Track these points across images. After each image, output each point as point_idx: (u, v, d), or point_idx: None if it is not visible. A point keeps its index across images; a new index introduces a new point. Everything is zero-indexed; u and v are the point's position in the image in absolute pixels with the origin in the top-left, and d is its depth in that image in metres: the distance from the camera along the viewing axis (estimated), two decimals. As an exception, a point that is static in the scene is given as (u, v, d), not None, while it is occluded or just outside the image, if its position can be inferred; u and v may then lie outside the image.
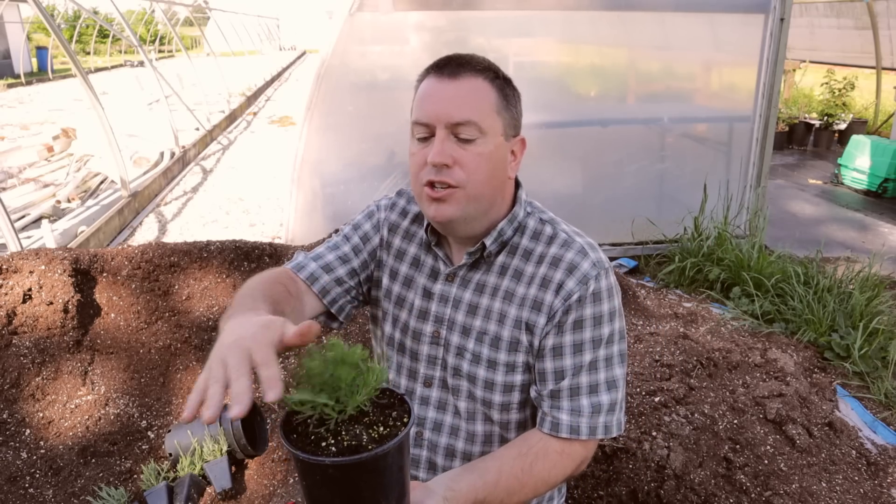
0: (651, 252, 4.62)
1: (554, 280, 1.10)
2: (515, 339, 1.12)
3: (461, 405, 1.18)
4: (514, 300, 1.12)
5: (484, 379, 1.14)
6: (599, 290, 1.09)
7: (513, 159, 1.12)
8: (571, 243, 1.12)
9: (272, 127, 11.39)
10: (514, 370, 1.13)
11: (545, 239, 1.14)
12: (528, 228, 1.16)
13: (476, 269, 1.16)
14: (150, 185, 6.80)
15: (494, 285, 1.14)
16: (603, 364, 1.10)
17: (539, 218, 1.18)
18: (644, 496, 2.05)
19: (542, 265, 1.12)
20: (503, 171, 1.10)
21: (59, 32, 6.16)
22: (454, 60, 1.07)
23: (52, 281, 2.66)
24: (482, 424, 1.18)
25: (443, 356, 1.18)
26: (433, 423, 1.21)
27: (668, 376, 2.48)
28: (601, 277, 1.10)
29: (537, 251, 1.14)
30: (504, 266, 1.15)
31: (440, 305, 1.17)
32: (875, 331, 3.24)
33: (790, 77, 9.74)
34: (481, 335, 1.14)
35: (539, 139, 4.65)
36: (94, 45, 28.01)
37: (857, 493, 2.22)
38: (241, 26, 20.71)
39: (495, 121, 1.05)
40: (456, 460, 1.20)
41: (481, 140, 1.04)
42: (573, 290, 1.08)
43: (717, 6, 4.64)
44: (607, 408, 1.10)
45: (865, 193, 6.80)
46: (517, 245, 1.15)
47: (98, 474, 2.38)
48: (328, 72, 4.04)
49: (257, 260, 3.12)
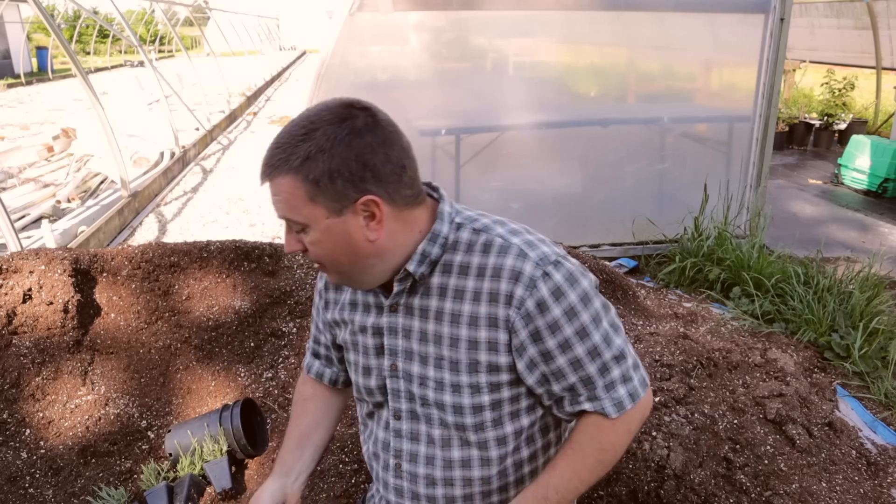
0: (651, 252, 4.62)
1: (501, 292, 1.05)
2: (474, 361, 1.09)
3: (435, 433, 1.16)
4: (461, 321, 1.08)
5: (452, 404, 1.12)
6: (557, 284, 1.04)
7: (366, 223, 1.02)
8: (508, 248, 1.06)
9: (272, 127, 11.39)
10: (479, 391, 1.11)
11: (480, 248, 1.08)
12: (462, 242, 1.09)
13: (415, 294, 1.12)
14: (150, 185, 6.80)
15: (438, 308, 1.10)
16: (603, 345, 1.08)
17: (472, 228, 1.10)
18: (644, 496, 2.05)
19: (483, 278, 1.06)
20: (354, 244, 1.04)
21: (59, 32, 6.16)
22: (263, 163, 1.04)
23: (52, 281, 2.66)
24: (459, 450, 1.16)
25: (405, 388, 1.16)
26: (409, 454, 1.20)
27: (668, 376, 2.48)
28: (552, 272, 1.04)
29: (475, 264, 1.08)
30: (443, 287, 1.09)
31: (391, 338, 1.15)
32: (875, 331, 3.24)
33: (790, 77, 9.74)
34: (439, 361, 1.11)
35: (539, 139, 4.66)
36: (94, 45, 28.02)
37: (857, 493, 2.22)
38: (241, 26, 20.71)
39: (312, 209, 1.01)
40: (437, 488, 1.18)
41: (309, 229, 1.03)
42: (524, 296, 1.04)
43: (717, 6, 4.65)
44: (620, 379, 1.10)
45: (865, 193, 6.80)
46: (451, 262, 1.09)
47: (98, 474, 2.38)
48: (328, 72, 4.04)
49: (257, 260, 3.12)
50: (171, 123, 8.27)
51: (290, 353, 2.79)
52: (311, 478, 1.48)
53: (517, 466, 1.18)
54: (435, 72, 4.49)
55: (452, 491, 1.18)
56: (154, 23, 26.06)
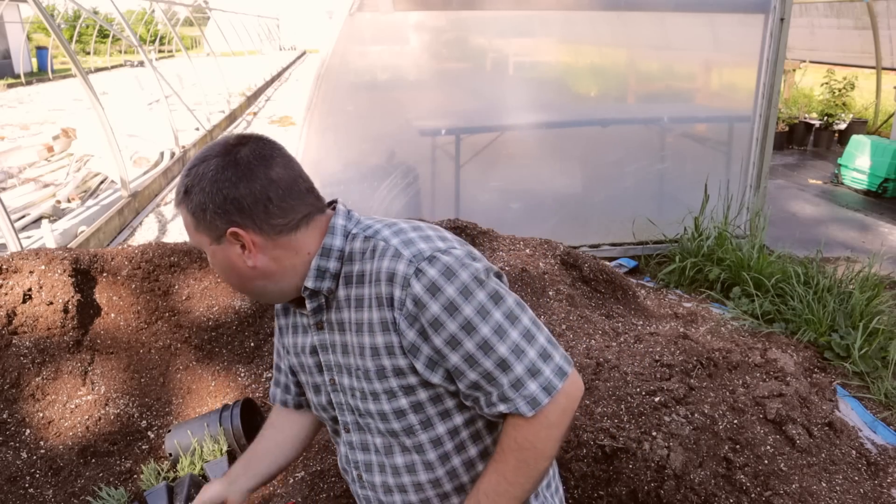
0: (651, 252, 4.62)
1: (384, 295, 1.06)
2: (380, 367, 1.10)
3: (377, 441, 1.19)
4: (363, 329, 1.10)
5: (377, 411, 1.14)
6: (431, 279, 1.02)
7: (242, 251, 1.08)
8: (387, 250, 1.07)
9: (272, 127, 11.39)
10: (394, 396, 1.11)
11: (369, 255, 1.10)
12: (356, 251, 1.11)
13: (331, 309, 1.15)
14: (150, 185, 6.80)
15: (348, 319, 1.13)
16: (494, 338, 1.04)
17: (363, 236, 1.12)
18: (644, 496, 2.05)
19: (371, 284, 1.08)
20: (237, 269, 1.10)
21: (59, 32, 6.16)
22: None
23: (52, 281, 2.66)
24: (400, 456, 1.17)
25: (345, 400, 1.19)
26: (364, 464, 1.23)
27: (668, 376, 2.48)
28: (425, 268, 1.03)
29: (367, 271, 1.09)
30: (348, 298, 1.12)
31: (324, 354, 1.19)
32: (875, 331, 3.24)
33: (790, 77, 9.74)
34: (357, 371, 1.14)
35: (539, 139, 4.66)
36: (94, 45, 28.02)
37: (857, 493, 2.22)
38: (241, 26, 20.71)
39: (199, 237, 1.10)
40: (395, 494, 1.21)
41: (204, 253, 1.14)
42: (402, 297, 1.04)
43: (717, 6, 4.64)
44: (527, 373, 1.05)
45: (865, 193, 6.80)
46: (351, 273, 1.11)
47: (98, 474, 2.38)
48: (328, 72, 4.04)
49: (257, 260, 3.12)
50: (171, 123, 8.27)
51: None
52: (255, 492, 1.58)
53: (468, 465, 1.18)
54: (435, 72, 4.49)
55: (408, 497, 1.20)
56: (154, 23, 26.06)
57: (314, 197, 1.13)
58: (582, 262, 3.57)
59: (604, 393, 2.36)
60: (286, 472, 2.34)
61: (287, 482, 2.29)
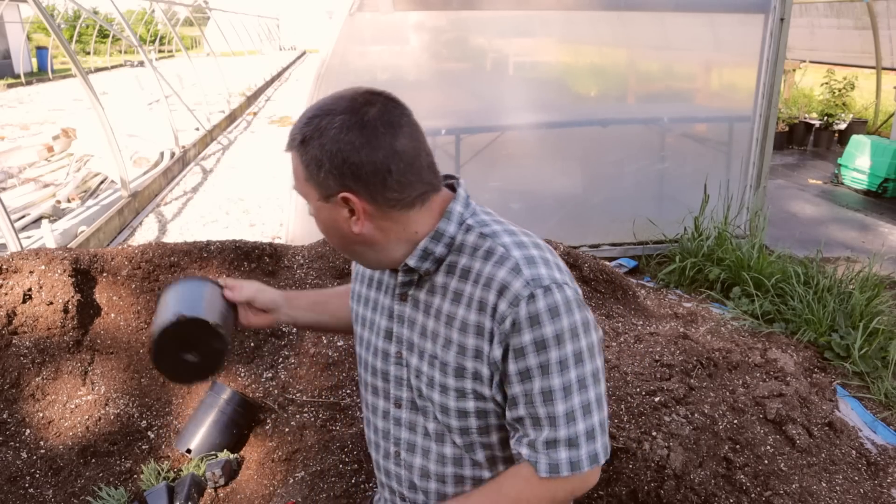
0: (651, 252, 4.62)
1: (489, 302, 1.04)
2: (461, 366, 1.08)
3: (430, 426, 1.17)
4: (454, 324, 1.08)
5: (439, 403, 1.13)
6: (538, 310, 1.00)
7: (350, 216, 1.05)
8: (506, 259, 1.04)
9: (272, 127, 11.39)
10: (465, 396, 1.10)
11: (482, 254, 1.07)
12: (468, 245, 1.09)
13: (422, 289, 1.13)
14: (150, 185, 6.80)
15: (438, 307, 1.11)
16: (560, 393, 1.02)
17: (479, 232, 1.09)
18: (644, 496, 2.05)
19: (478, 286, 1.05)
20: (341, 231, 1.07)
21: (59, 32, 6.16)
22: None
23: (52, 281, 2.66)
24: (450, 447, 1.16)
25: (407, 377, 1.17)
26: (406, 443, 1.21)
27: (668, 376, 2.48)
28: (538, 297, 1.00)
29: (475, 269, 1.07)
30: (445, 287, 1.10)
31: (399, 326, 1.17)
32: (875, 331, 3.24)
33: (790, 77, 9.74)
34: (432, 359, 1.12)
35: (539, 139, 4.66)
36: (94, 45, 28.01)
37: (857, 493, 2.22)
38: (241, 26, 20.71)
39: (307, 188, 1.07)
40: (431, 481, 1.19)
41: (308, 203, 1.10)
42: (505, 313, 1.02)
43: (717, 6, 4.65)
44: (566, 441, 1.03)
45: (865, 193, 6.80)
46: (455, 264, 1.09)
47: (98, 474, 2.38)
48: (328, 72, 4.04)
49: (257, 260, 3.12)
50: (171, 123, 8.27)
51: (290, 353, 2.79)
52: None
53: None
54: (435, 72, 4.49)
55: (444, 488, 1.18)
56: (154, 23, 26.06)
57: (432, 173, 1.09)
58: (582, 262, 3.57)
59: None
60: (286, 472, 2.34)
61: (287, 482, 2.29)
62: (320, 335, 2.78)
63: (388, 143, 1.01)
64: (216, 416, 2.43)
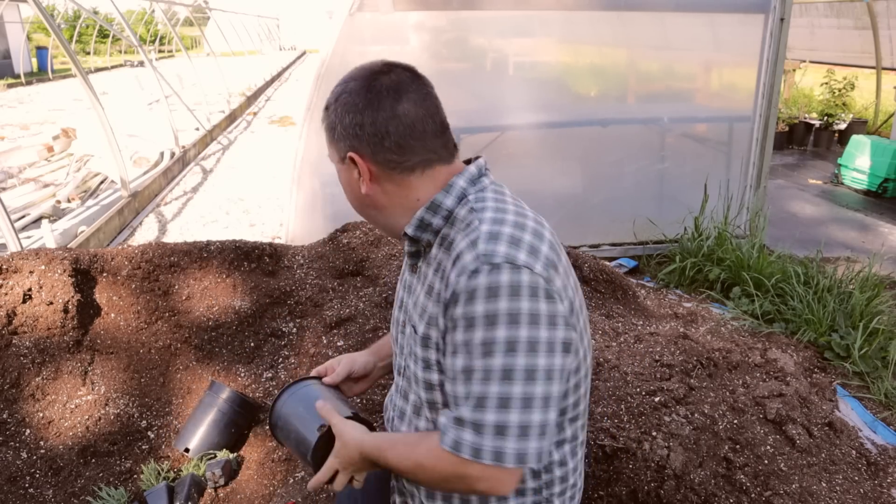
0: (651, 252, 4.62)
1: (447, 272, 1.03)
2: (426, 335, 1.08)
3: (411, 397, 1.19)
4: (431, 293, 1.09)
5: (413, 373, 1.15)
6: (475, 287, 0.97)
7: (359, 177, 1.12)
8: (472, 232, 1.03)
9: (272, 127, 11.39)
10: (430, 367, 1.09)
11: (463, 227, 1.06)
12: (459, 218, 1.08)
13: (424, 260, 1.15)
14: (150, 185, 6.80)
15: (425, 277, 1.13)
16: (479, 376, 0.98)
17: (471, 207, 1.08)
18: (644, 496, 2.05)
19: (449, 256, 1.05)
20: (354, 192, 1.15)
21: (59, 32, 6.16)
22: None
23: (52, 281, 2.66)
24: (424, 421, 1.16)
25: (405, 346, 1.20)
26: (399, 410, 1.23)
27: (668, 376, 2.48)
28: (482, 273, 0.97)
29: (454, 241, 1.06)
30: (435, 258, 1.10)
31: (408, 296, 1.20)
32: (875, 331, 3.24)
33: (790, 77, 9.74)
34: (412, 328, 1.14)
35: (539, 139, 4.66)
36: (94, 45, 28.01)
37: (857, 493, 2.22)
38: (241, 26, 20.70)
39: (332, 152, 1.16)
40: None
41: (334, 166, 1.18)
42: (452, 282, 1.01)
43: (717, 6, 4.64)
44: (495, 427, 0.98)
45: (865, 193, 6.80)
46: (447, 236, 1.09)
47: (98, 474, 2.38)
48: (328, 72, 4.04)
49: (257, 260, 3.12)
50: (171, 123, 8.27)
51: (290, 353, 2.79)
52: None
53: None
54: (435, 72, 4.45)
55: None
56: (154, 23, 26.05)
57: (442, 145, 1.12)
58: (582, 262, 3.57)
59: (604, 393, 2.36)
60: (286, 472, 2.34)
61: (287, 482, 2.29)
62: (320, 335, 2.78)
63: (390, 106, 1.07)
64: (215, 416, 2.43)
